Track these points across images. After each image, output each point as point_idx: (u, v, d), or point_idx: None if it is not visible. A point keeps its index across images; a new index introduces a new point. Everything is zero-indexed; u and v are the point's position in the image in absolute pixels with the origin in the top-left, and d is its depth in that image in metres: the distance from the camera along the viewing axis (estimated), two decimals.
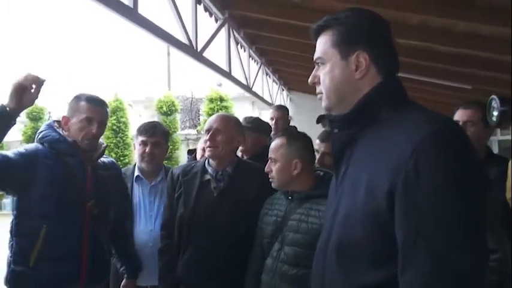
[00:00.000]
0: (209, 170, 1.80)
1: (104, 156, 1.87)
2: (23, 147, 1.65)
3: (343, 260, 0.87)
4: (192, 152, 2.70)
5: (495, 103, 1.16)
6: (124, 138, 10.41)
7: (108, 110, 1.80)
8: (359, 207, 0.83)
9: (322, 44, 0.95)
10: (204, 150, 2.54)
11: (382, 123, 0.87)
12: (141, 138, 2.08)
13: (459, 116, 1.81)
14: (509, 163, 1.54)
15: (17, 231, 1.61)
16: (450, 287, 0.72)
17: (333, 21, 0.94)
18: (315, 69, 0.98)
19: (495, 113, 1.17)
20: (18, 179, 1.58)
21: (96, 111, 1.70)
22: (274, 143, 1.60)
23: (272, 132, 2.80)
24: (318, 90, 0.98)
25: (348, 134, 0.94)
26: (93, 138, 1.71)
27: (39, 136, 1.69)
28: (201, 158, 2.56)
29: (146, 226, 2.06)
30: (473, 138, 1.66)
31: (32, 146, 1.67)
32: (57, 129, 1.71)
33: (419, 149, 0.75)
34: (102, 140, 1.86)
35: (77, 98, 1.73)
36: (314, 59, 0.98)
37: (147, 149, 2.06)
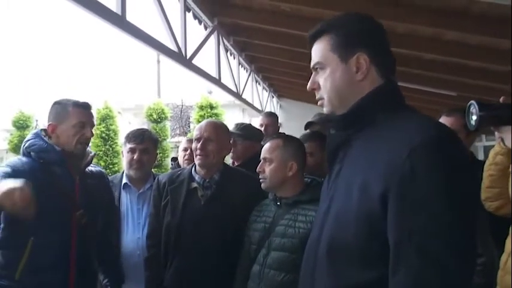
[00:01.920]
0: (196, 177, 1.78)
1: (92, 165, 1.85)
2: (8, 166, 1.56)
3: (333, 258, 0.87)
4: (176, 159, 2.68)
5: (473, 108, 1.18)
6: (113, 146, 10.29)
7: (93, 111, 1.79)
8: (352, 208, 0.84)
9: (321, 49, 0.95)
10: (186, 150, 2.54)
11: (379, 125, 0.87)
12: (129, 146, 2.06)
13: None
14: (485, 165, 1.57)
15: (4, 244, 1.57)
16: (441, 286, 0.73)
17: (330, 26, 0.94)
18: (313, 75, 0.97)
19: (474, 118, 1.18)
20: None
21: (87, 115, 1.71)
22: (270, 144, 1.59)
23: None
24: (318, 96, 0.97)
25: (345, 133, 0.94)
26: (87, 142, 1.71)
27: (26, 145, 1.65)
28: (183, 158, 2.55)
29: (134, 234, 2.03)
30: None
31: (15, 161, 1.61)
32: (44, 138, 1.67)
33: (415, 152, 0.76)
34: (89, 148, 1.84)
35: (63, 104, 1.70)
36: (312, 65, 0.97)
37: (136, 156, 2.04)
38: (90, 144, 1.80)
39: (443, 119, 1.83)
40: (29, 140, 1.66)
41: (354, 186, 0.84)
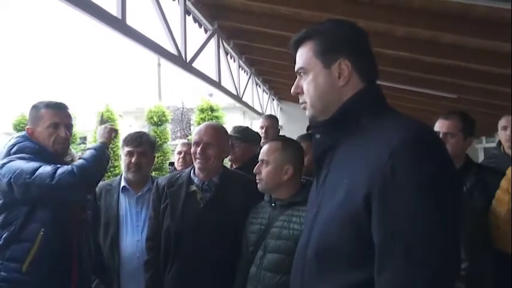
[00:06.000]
0: (195, 180, 1.79)
1: None
2: (28, 157, 1.63)
3: (322, 262, 0.89)
4: (173, 164, 2.71)
5: None
6: (114, 149, 10.31)
7: (69, 111, 1.80)
8: (339, 211, 0.85)
9: (304, 55, 0.97)
10: (180, 153, 2.57)
11: (362, 129, 0.89)
12: (127, 149, 2.07)
13: (439, 126, 1.81)
14: (508, 171, 1.55)
15: (17, 238, 1.60)
16: (425, 285, 0.74)
17: (314, 32, 0.96)
18: (297, 80, 1.00)
19: None
20: None
21: (60, 115, 1.73)
22: (268, 146, 1.60)
23: (262, 141, 2.81)
24: (301, 100, 0.99)
25: (330, 139, 0.95)
26: (64, 142, 1.73)
27: (16, 148, 1.65)
28: (178, 162, 2.57)
29: (133, 237, 2.03)
30: (453, 150, 1.67)
31: (26, 155, 1.66)
32: (34, 140, 1.70)
33: (395, 153, 0.77)
34: (73, 150, 1.90)
35: (36, 107, 1.74)
36: (296, 69, 0.99)
37: (133, 159, 2.05)
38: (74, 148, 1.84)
39: (440, 122, 1.83)
40: (18, 143, 1.68)
41: (340, 190, 0.85)
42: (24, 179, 1.54)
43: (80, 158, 1.71)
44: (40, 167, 1.57)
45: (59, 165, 1.61)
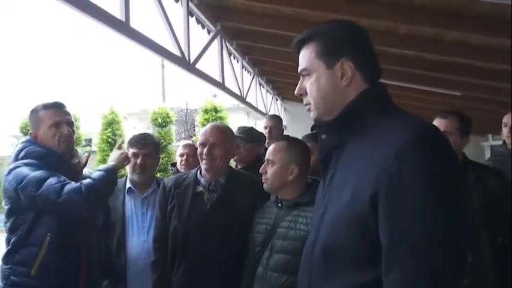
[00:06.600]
0: (202, 181, 1.80)
1: (90, 171, 1.93)
2: (29, 162, 1.65)
3: (329, 262, 0.89)
4: (175, 164, 2.71)
5: None
6: None
7: (67, 109, 1.82)
8: (345, 211, 0.85)
9: (307, 56, 0.98)
10: (182, 155, 2.58)
11: (368, 129, 0.89)
12: (132, 150, 2.09)
13: (436, 125, 1.81)
14: None
15: (24, 243, 1.63)
16: (432, 285, 0.74)
17: (315, 33, 0.97)
18: (300, 81, 1.00)
19: None
20: None
21: (59, 113, 1.75)
22: (274, 146, 1.61)
23: (266, 141, 2.81)
24: (305, 101, 1.00)
25: (335, 139, 0.96)
26: (68, 140, 1.75)
27: (23, 154, 1.67)
28: (180, 164, 2.59)
29: (139, 238, 2.05)
30: None
31: (32, 161, 1.68)
32: (40, 144, 1.72)
33: (401, 153, 0.77)
34: (80, 151, 1.92)
35: (34, 111, 1.77)
36: (299, 71, 1.00)
37: (138, 161, 2.07)
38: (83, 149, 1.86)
39: (437, 121, 1.83)
40: (25, 148, 1.70)
41: (347, 190, 0.86)
42: (30, 191, 1.56)
43: (89, 178, 1.73)
44: (47, 178, 1.58)
45: (67, 181, 1.62)
